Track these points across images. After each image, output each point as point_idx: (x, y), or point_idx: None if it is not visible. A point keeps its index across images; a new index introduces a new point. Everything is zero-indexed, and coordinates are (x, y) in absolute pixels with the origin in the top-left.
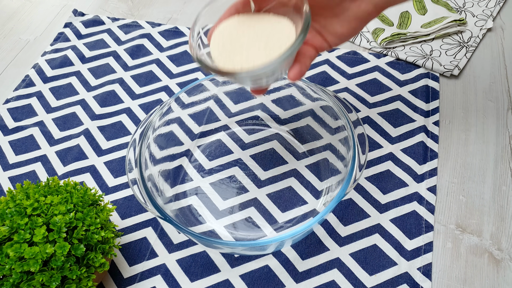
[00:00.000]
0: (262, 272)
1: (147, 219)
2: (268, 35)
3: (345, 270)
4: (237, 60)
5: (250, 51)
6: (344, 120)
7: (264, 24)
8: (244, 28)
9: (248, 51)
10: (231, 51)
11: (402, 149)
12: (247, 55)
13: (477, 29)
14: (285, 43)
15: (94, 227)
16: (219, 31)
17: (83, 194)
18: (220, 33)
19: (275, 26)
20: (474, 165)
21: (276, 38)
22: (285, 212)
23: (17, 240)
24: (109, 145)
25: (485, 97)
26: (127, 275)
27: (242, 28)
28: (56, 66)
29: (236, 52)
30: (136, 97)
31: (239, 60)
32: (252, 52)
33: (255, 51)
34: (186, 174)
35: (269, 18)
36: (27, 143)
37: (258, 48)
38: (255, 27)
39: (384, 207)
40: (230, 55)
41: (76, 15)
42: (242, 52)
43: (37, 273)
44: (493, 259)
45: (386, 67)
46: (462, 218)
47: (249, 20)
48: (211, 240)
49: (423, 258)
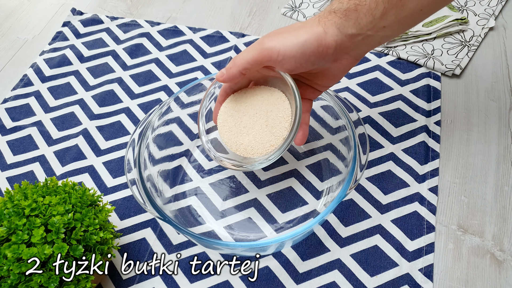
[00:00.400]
0: (262, 273)
1: (146, 220)
2: (266, 111)
3: (346, 271)
4: (246, 141)
5: (254, 129)
6: (345, 120)
7: (259, 100)
8: (242, 107)
9: (253, 129)
10: (238, 134)
11: (403, 149)
12: (254, 135)
13: (479, 28)
14: (283, 117)
15: (92, 228)
16: (221, 115)
17: (81, 194)
18: (223, 116)
19: (269, 100)
20: (476, 165)
21: (274, 113)
22: (285, 212)
23: (15, 241)
24: (108, 145)
25: (487, 97)
26: (126, 276)
27: (241, 108)
28: (55, 66)
29: (243, 134)
30: (135, 96)
31: (248, 141)
32: (256, 130)
33: (259, 129)
34: (186, 175)
35: (262, 92)
36: (25, 143)
37: (261, 126)
38: (252, 104)
39: (385, 207)
40: (238, 138)
41: (74, 14)
42: (248, 132)
43: (35, 274)
44: (495, 260)
45: (387, 67)
46: (464, 219)
47: (244, 97)
48: (211, 241)
49: (425, 259)
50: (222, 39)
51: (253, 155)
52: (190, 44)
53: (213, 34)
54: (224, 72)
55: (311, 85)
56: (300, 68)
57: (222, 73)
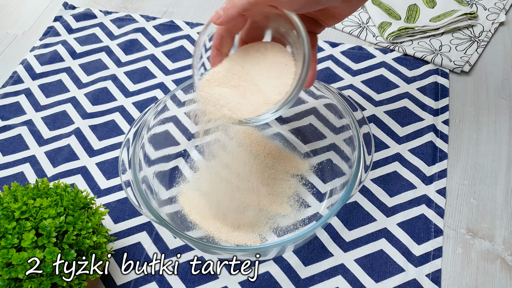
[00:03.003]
0: (262, 279)
1: (142, 223)
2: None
3: (350, 276)
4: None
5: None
6: (349, 119)
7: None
8: (248, 63)
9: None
10: (246, 89)
11: (410, 149)
12: (265, 93)
13: (488, 23)
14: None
15: (85, 232)
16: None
17: (74, 196)
18: (229, 71)
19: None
20: (486, 166)
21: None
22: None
23: (5, 245)
24: (101, 145)
25: (497, 95)
26: (120, 282)
27: (247, 63)
28: (46, 62)
29: (254, 91)
30: (129, 94)
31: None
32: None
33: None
34: (183, 176)
35: (264, 50)
36: (15, 143)
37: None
38: (258, 60)
39: (391, 210)
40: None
41: (66, 8)
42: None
43: (26, 280)
44: (505, 265)
45: (393, 63)
46: (473, 222)
47: (247, 53)
48: (209, 245)
49: (432, 264)
50: None
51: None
52: (187, 40)
53: None
54: (220, 14)
55: (317, 18)
56: (307, 8)
57: (219, 15)
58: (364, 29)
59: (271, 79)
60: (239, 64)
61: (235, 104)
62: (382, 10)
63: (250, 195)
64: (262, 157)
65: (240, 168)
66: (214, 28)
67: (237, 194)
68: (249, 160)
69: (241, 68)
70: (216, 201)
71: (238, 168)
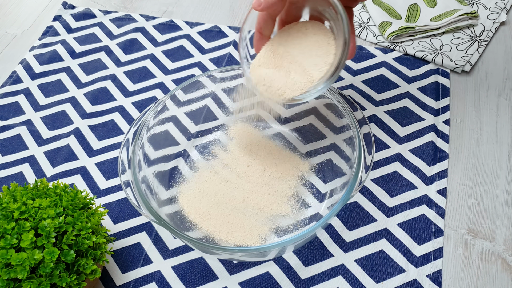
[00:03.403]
0: (262, 280)
1: (141, 224)
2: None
3: (350, 277)
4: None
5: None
6: (349, 119)
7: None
8: (290, 44)
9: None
10: (290, 68)
11: (410, 149)
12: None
13: (489, 23)
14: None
15: (84, 232)
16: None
17: (73, 197)
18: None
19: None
20: (487, 166)
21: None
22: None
23: (4, 245)
24: (101, 145)
25: (498, 95)
26: (119, 283)
27: (290, 44)
28: (45, 62)
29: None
30: (129, 94)
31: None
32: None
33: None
34: (182, 176)
35: (306, 30)
36: (14, 143)
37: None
38: (300, 40)
39: (391, 210)
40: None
41: (65, 7)
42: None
43: (25, 280)
44: (506, 265)
45: (393, 63)
46: (474, 222)
47: (288, 34)
48: (209, 245)
49: (433, 264)
50: (221, 34)
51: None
52: (187, 39)
53: (211, 28)
54: (261, 1)
55: None
56: None
57: (259, 2)
58: (365, 29)
59: (313, 57)
60: (282, 45)
61: (281, 84)
62: (383, 9)
63: (250, 195)
64: (262, 157)
65: (240, 168)
66: (255, 14)
67: (237, 194)
68: (249, 160)
69: (284, 49)
70: (216, 201)
71: (238, 168)
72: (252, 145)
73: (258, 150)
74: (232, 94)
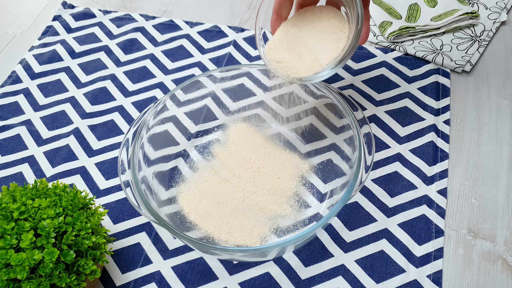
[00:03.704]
0: (262, 280)
1: (141, 224)
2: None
3: (350, 277)
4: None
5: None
6: (349, 119)
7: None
8: (305, 27)
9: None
10: (301, 51)
11: (410, 149)
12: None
13: (490, 22)
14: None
15: (84, 232)
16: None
17: (72, 197)
18: (287, 32)
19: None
20: (487, 166)
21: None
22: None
23: (3, 246)
24: (101, 145)
25: (498, 94)
26: (119, 283)
27: (304, 27)
28: (44, 62)
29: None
30: (129, 94)
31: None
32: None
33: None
34: (182, 176)
35: (320, 15)
36: (13, 143)
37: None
38: (314, 23)
39: (391, 211)
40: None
41: (65, 7)
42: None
43: (24, 281)
44: (507, 266)
45: (393, 63)
46: (474, 223)
47: (303, 17)
48: (209, 245)
49: (433, 265)
50: (221, 34)
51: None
52: (187, 39)
53: (211, 28)
54: None
55: None
56: None
57: None
58: None
59: (325, 42)
60: (297, 27)
61: (292, 65)
62: (383, 9)
63: (250, 195)
64: (262, 157)
65: (240, 168)
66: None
67: (237, 194)
68: (249, 160)
69: (298, 31)
70: (215, 202)
71: (238, 168)
72: (252, 145)
73: (258, 150)
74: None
